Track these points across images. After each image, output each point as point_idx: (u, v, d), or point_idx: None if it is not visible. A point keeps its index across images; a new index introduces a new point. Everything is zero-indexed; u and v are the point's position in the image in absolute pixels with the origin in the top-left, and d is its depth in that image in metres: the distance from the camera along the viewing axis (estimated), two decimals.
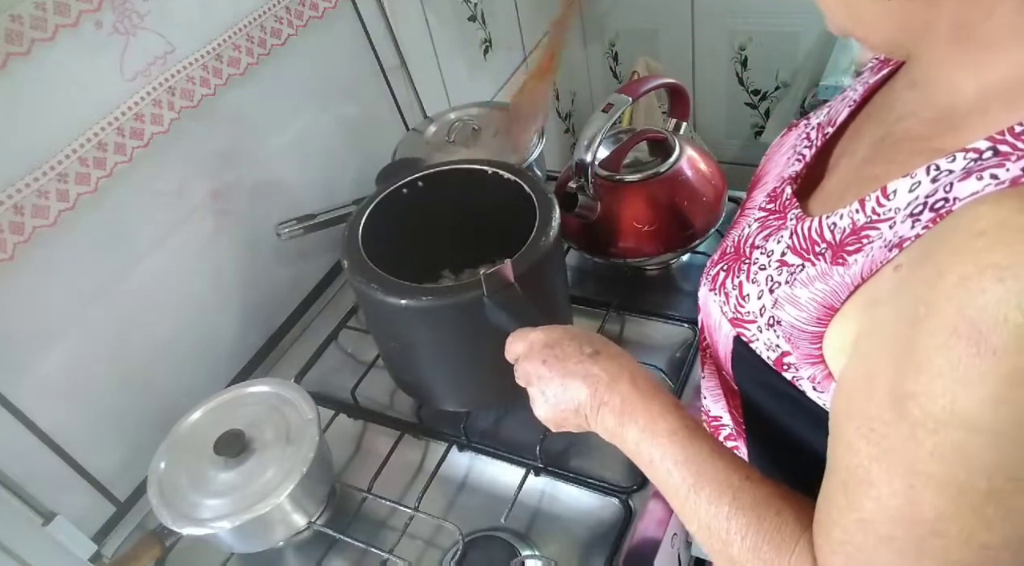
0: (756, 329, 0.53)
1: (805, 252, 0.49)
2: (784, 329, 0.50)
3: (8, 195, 0.73)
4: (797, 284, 0.49)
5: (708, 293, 0.60)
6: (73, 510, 0.84)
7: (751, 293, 0.54)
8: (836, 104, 0.61)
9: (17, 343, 0.79)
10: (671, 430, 0.54)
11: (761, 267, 0.53)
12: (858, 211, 0.46)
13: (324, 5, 1.08)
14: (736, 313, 0.55)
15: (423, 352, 0.84)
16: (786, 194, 0.57)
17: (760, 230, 0.57)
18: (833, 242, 0.47)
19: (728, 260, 0.59)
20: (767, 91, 1.95)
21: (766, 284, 0.52)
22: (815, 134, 0.60)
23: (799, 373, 0.51)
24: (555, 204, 0.84)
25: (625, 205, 0.98)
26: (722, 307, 0.57)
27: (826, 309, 0.47)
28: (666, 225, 0.97)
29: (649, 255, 1.00)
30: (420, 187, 0.92)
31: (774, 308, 0.51)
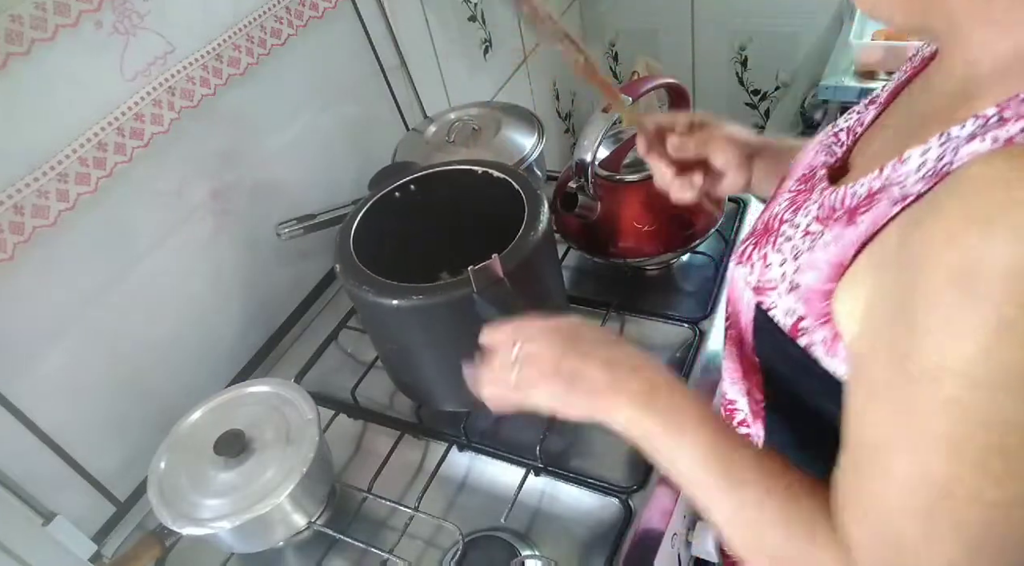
0: (776, 295, 0.54)
1: (826, 220, 0.51)
2: (802, 292, 0.51)
3: (8, 195, 0.73)
4: (817, 249, 0.51)
5: (735, 266, 0.62)
6: (73, 510, 0.84)
7: (774, 261, 0.55)
8: (862, 108, 0.64)
9: (17, 343, 0.79)
10: (698, 420, 0.54)
11: (787, 238, 0.55)
12: (876, 178, 0.48)
13: (324, 5, 1.08)
14: (758, 281, 0.57)
15: (419, 352, 0.84)
16: (819, 175, 0.59)
17: (789, 206, 0.59)
18: (850, 206, 0.49)
19: (757, 236, 0.61)
20: (767, 91, 1.96)
21: (790, 253, 0.54)
22: (845, 136, 0.62)
23: (813, 337, 0.51)
24: (543, 200, 0.84)
25: (625, 205, 0.98)
26: (747, 277, 0.58)
27: (835, 267, 0.48)
28: (666, 225, 0.97)
29: (649, 255, 1.00)
30: (413, 190, 0.92)
31: (795, 274, 0.52)
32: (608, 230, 0.99)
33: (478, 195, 0.90)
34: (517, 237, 0.79)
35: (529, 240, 0.79)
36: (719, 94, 2.01)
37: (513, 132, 1.14)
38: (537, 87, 1.84)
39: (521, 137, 1.13)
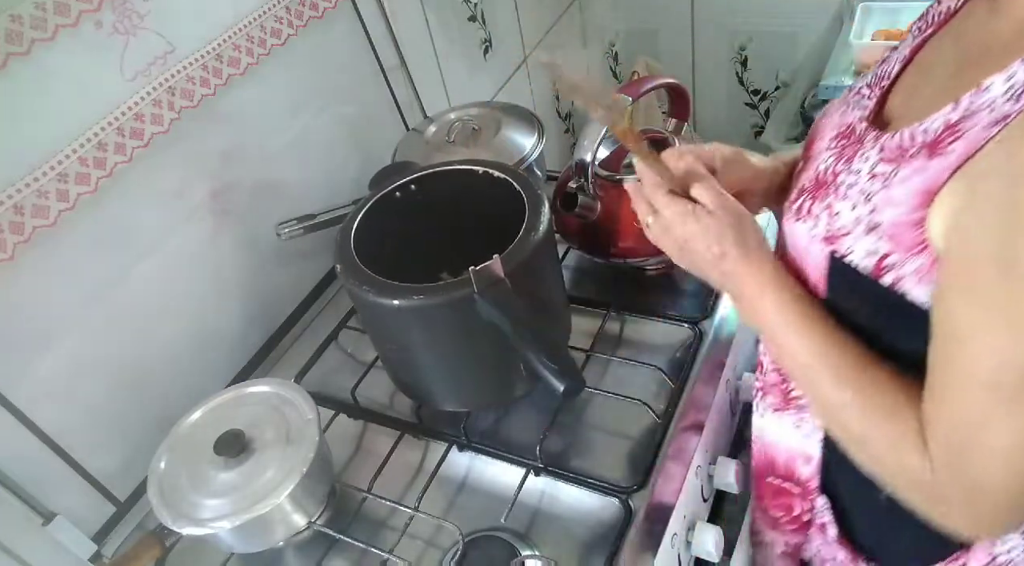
0: (851, 240, 0.57)
1: (897, 159, 0.54)
2: (884, 229, 0.54)
3: (8, 195, 0.73)
4: (892, 186, 0.54)
5: (795, 223, 0.64)
6: (73, 510, 0.84)
7: (842, 209, 0.58)
8: (882, 67, 0.67)
9: (17, 343, 0.79)
10: (822, 316, 0.60)
11: (850, 185, 0.58)
12: (952, 110, 0.50)
13: (324, 5, 1.08)
14: (828, 231, 0.59)
15: (420, 353, 0.84)
16: (859, 129, 0.62)
17: (838, 160, 0.62)
18: (926, 141, 0.52)
19: (811, 191, 0.63)
20: (767, 91, 1.96)
21: (860, 196, 0.56)
22: (868, 91, 0.65)
23: (902, 271, 0.54)
24: (544, 200, 0.84)
25: (625, 205, 0.97)
26: (811, 231, 0.61)
27: (924, 194, 0.51)
28: None
29: (649, 255, 1.00)
30: (413, 190, 0.92)
31: (871, 215, 0.55)
32: (608, 230, 0.99)
33: (478, 195, 0.90)
34: (518, 237, 0.79)
35: (530, 240, 0.79)
36: (719, 94, 2.01)
37: (513, 132, 1.14)
38: (537, 87, 1.84)
39: (521, 137, 1.13)
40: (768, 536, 0.87)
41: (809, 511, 0.78)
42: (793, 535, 0.82)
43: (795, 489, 0.78)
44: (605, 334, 0.98)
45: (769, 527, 0.85)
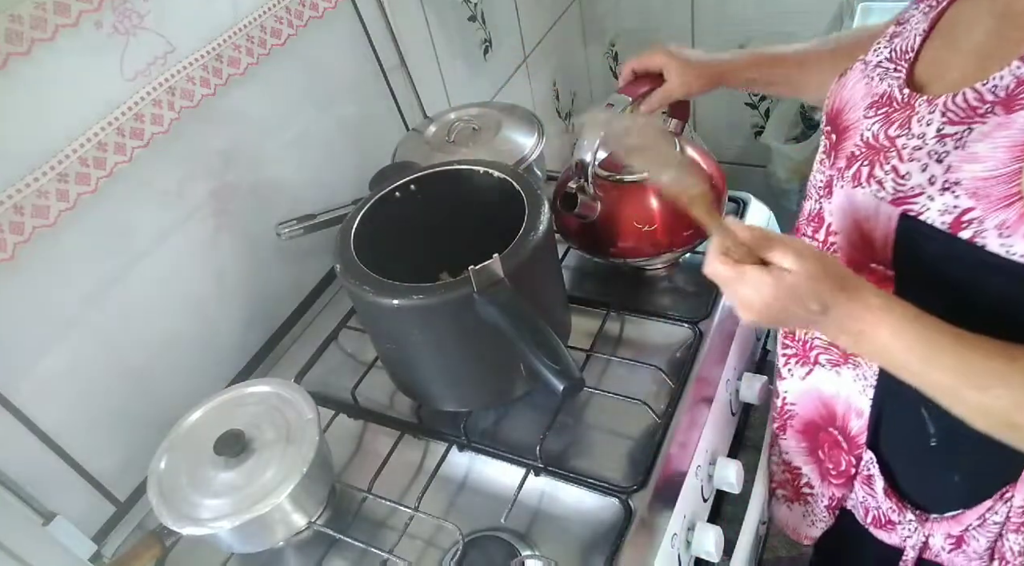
0: (925, 199, 0.59)
1: (967, 118, 0.57)
2: (966, 186, 0.56)
3: (8, 195, 0.73)
4: (970, 144, 0.56)
5: (851, 190, 0.65)
6: (73, 510, 0.84)
7: (911, 170, 0.60)
8: (896, 43, 0.69)
9: (17, 343, 0.79)
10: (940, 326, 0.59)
11: (916, 148, 0.60)
12: (1020, 67, 0.54)
13: (324, 5, 1.08)
14: (897, 193, 0.61)
15: (420, 353, 0.84)
16: (902, 95, 0.64)
17: (886, 125, 0.64)
18: (1000, 98, 0.55)
19: (864, 157, 0.65)
20: None
21: (929, 157, 0.58)
22: (890, 64, 0.68)
23: (983, 226, 0.56)
24: (544, 200, 0.84)
25: (625, 205, 0.98)
26: (876, 194, 0.63)
27: (1019, 146, 0.53)
28: (666, 225, 0.97)
29: (649, 255, 1.00)
30: (413, 190, 0.92)
31: (947, 173, 0.57)
32: (608, 230, 0.99)
33: (478, 195, 0.90)
34: (518, 237, 0.79)
35: (529, 240, 0.79)
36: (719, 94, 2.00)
37: (513, 132, 1.14)
38: (537, 87, 1.84)
39: (521, 137, 1.13)
40: (819, 488, 0.90)
41: (855, 465, 0.81)
42: (839, 488, 0.86)
43: (845, 443, 0.81)
44: (605, 334, 0.98)
45: (820, 478, 0.88)
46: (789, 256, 0.61)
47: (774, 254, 0.62)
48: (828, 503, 0.90)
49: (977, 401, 0.58)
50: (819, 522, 0.93)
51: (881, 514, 0.83)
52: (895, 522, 0.81)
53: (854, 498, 0.86)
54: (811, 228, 0.76)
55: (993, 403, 0.57)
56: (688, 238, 0.99)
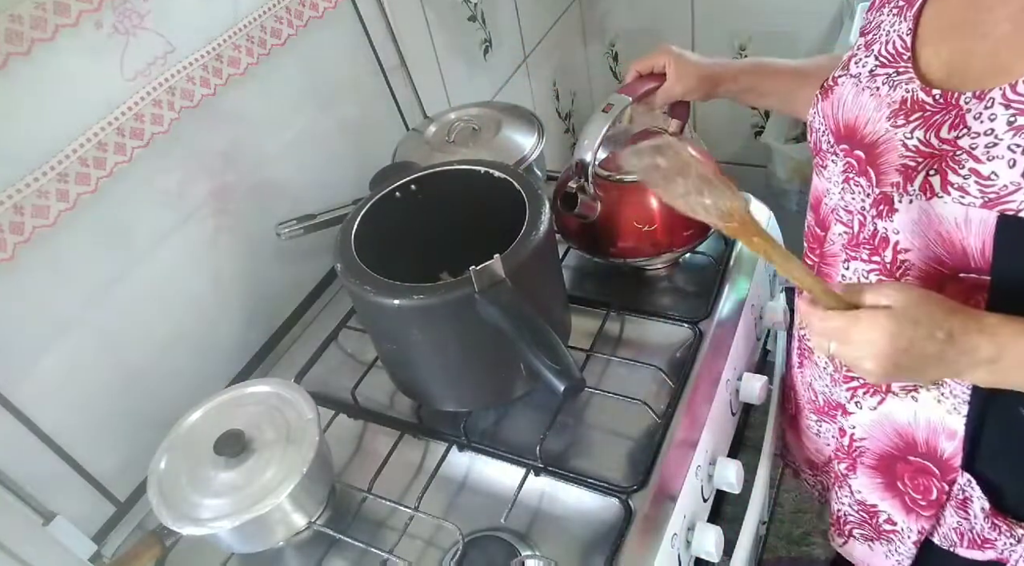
0: (1023, 195, 0.56)
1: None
2: None
3: (8, 195, 0.73)
4: None
5: (925, 204, 0.62)
6: (73, 510, 0.84)
7: (996, 169, 0.57)
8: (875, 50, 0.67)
9: (17, 343, 0.79)
10: None
11: (989, 145, 0.57)
12: None
13: (324, 5, 1.08)
14: (986, 196, 0.57)
15: (420, 353, 0.84)
16: (933, 96, 0.62)
17: (932, 130, 0.61)
18: None
19: (926, 166, 0.62)
20: None
21: (1013, 152, 0.56)
22: (888, 70, 0.66)
23: None
24: (545, 200, 0.84)
25: (625, 205, 0.98)
26: (961, 201, 0.59)
27: None
28: (666, 225, 0.98)
29: (649, 255, 1.00)
30: (413, 190, 0.92)
31: None
32: (608, 230, 0.99)
33: (478, 195, 0.90)
34: (518, 238, 0.79)
35: (530, 240, 0.79)
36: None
37: (513, 132, 1.14)
38: (537, 87, 1.84)
39: (521, 137, 1.13)
40: (902, 523, 0.84)
41: (947, 492, 0.76)
42: (927, 520, 0.80)
43: (935, 469, 0.76)
44: (605, 334, 0.98)
45: (905, 512, 0.83)
46: (885, 292, 0.58)
47: (866, 297, 0.58)
48: (917, 538, 0.83)
49: None
50: (905, 559, 0.87)
51: (975, 535, 0.77)
52: (992, 539, 0.76)
53: (944, 528, 0.80)
54: (866, 251, 0.71)
55: None
56: (688, 238, 0.99)
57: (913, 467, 0.79)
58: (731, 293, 1.02)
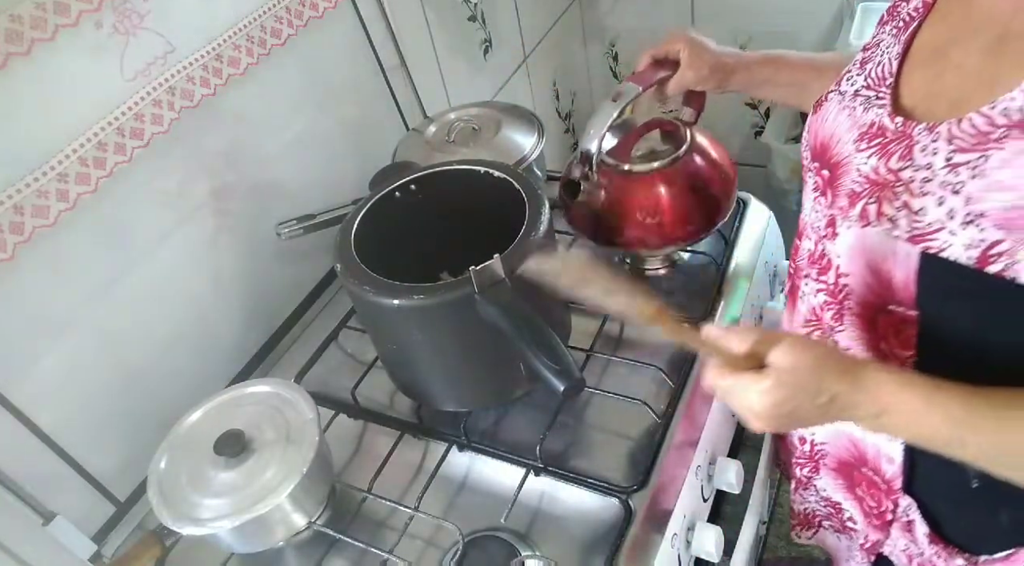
0: (947, 235, 0.55)
1: (979, 145, 0.53)
2: (993, 218, 0.52)
3: (8, 195, 0.73)
4: (990, 172, 0.52)
5: (861, 231, 0.62)
6: (73, 510, 0.84)
7: (925, 205, 0.56)
8: (869, 69, 0.66)
9: (17, 343, 0.79)
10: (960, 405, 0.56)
11: (924, 180, 0.56)
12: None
13: (324, 5, 1.08)
14: (913, 230, 0.57)
15: (420, 353, 0.84)
16: (895, 124, 0.61)
17: (883, 158, 0.60)
18: (1015, 120, 0.51)
19: (868, 194, 0.61)
20: None
21: (943, 189, 0.55)
22: (870, 91, 0.64)
23: (1014, 258, 0.52)
24: (544, 200, 0.84)
25: (631, 196, 0.96)
26: (891, 233, 0.59)
27: None
28: (671, 218, 0.96)
29: (652, 247, 0.99)
30: (413, 190, 0.92)
31: (969, 205, 0.53)
32: (612, 220, 0.98)
33: (478, 195, 0.90)
34: (518, 237, 0.79)
35: (530, 240, 0.79)
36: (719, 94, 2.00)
37: (513, 132, 1.14)
38: (537, 87, 1.84)
39: (521, 137, 1.13)
40: (861, 525, 0.86)
41: (892, 510, 0.77)
42: (876, 531, 0.82)
43: (883, 485, 0.78)
44: (605, 334, 0.98)
45: (864, 516, 0.84)
46: (781, 352, 0.59)
47: (768, 354, 0.59)
48: (863, 543, 0.86)
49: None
50: (854, 563, 0.90)
51: (925, 560, 0.78)
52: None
53: (892, 544, 0.82)
54: (816, 270, 0.72)
55: None
56: (693, 232, 0.98)
57: (867, 478, 0.80)
58: (731, 293, 1.02)
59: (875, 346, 0.68)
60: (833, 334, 0.72)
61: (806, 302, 0.75)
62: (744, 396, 0.60)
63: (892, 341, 0.66)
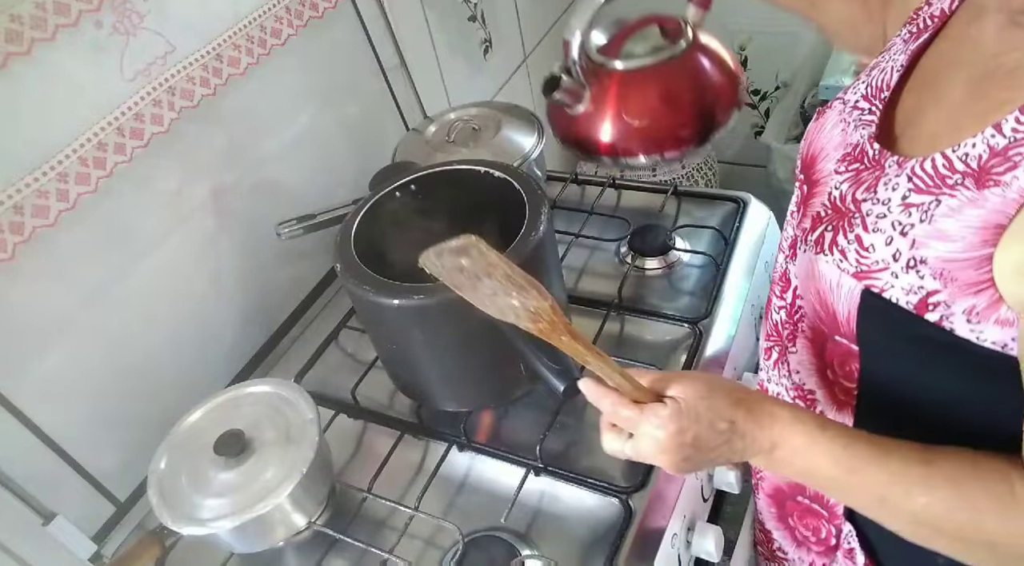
0: (889, 276, 0.53)
1: (935, 188, 0.51)
2: (932, 266, 0.50)
3: (8, 195, 0.73)
4: (938, 219, 0.50)
5: (814, 257, 0.60)
6: (73, 510, 0.84)
7: (875, 242, 0.54)
8: (874, 76, 0.63)
9: (17, 343, 0.79)
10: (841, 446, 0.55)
11: (879, 216, 0.54)
12: (994, 136, 0.48)
13: (324, 5, 1.08)
14: (860, 266, 0.55)
15: (420, 353, 0.84)
16: (872, 150, 0.58)
17: (855, 186, 0.58)
18: (972, 169, 0.48)
19: (829, 220, 0.59)
20: (767, 91, 1.96)
21: (893, 229, 0.53)
22: (866, 104, 0.62)
23: (950, 309, 0.50)
24: (544, 200, 0.84)
25: (616, 97, 0.87)
26: (839, 265, 0.57)
27: (991, 229, 0.47)
28: (659, 122, 0.88)
29: (637, 154, 0.90)
30: (413, 190, 0.92)
31: (913, 249, 0.51)
32: (595, 123, 0.88)
33: (478, 195, 0.90)
34: (518, 238, 0.79)
35: (530, 240, 0.79)
36: None
37: (513, 132, 1.14)
38: (537, 87, 1.84)
39: (521, 137, 1.13)
40: (793, 554, 0.85)
41: (836, 536, 0.76)
42: (820, 556, 0.81)
43: (823, 512, 0.77)
44: (605, 334, 0.98)
45: (795, 545, 0.84)
46: (680, 384, 0.58)
47: (667, 389, 0.59)
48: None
49: (905, 507, 0.54)
50: None
51: None
52: None
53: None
54: (779, 288, 0.70)
55: (919, 511, 0.53)
56: (682, 140, 0.88)
57: (801, 507, 0.79)
58: (731, 293, 1.02)
59: (823, 373, 0.67)
60: (786, 354, 0.71)
61: (771, 316, 0.74)
62: (647, 426, 0.58)
63: (838, 371, 0.65)
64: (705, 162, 1.94)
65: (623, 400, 0.59)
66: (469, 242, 0.51)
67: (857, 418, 0.65)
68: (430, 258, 0.53)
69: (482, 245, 0.51)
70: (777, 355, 0.73)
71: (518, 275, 0.52)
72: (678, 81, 0.86)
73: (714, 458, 0.59)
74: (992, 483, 0.50)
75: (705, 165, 1.94)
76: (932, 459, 0.53)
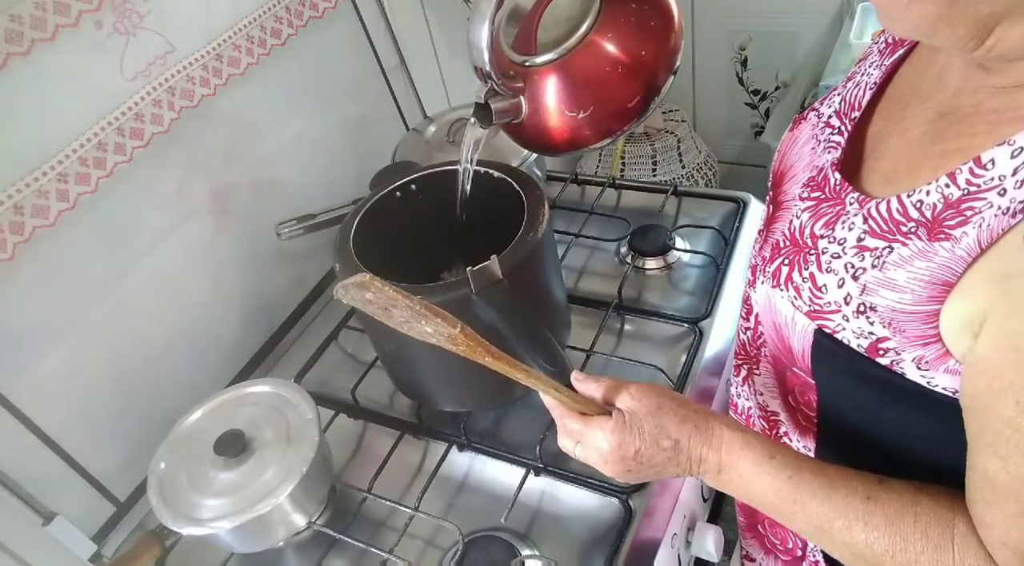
0: (841, 318, 0.52)
1: (889, 234, 0.49)
2: (881, 314, 0.49)
3: (8, 195, 0.73)
4: (889, 267, 0.48)
5: (771, 290, 0.59)
6: (73, 510, 0.84)
7: (828, 283, 0.53)
8: (849, 89, 0.62)
9: (17, 343, 0.79)
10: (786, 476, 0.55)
11: (834, 255, 0.53)
12: (948, 185, 0.46)
13: (324, 5, 1.08)
14: (813, 306, 0.54)
15: (420, 353, 0.84)
16: (834, 180, 0.56)
17: (814, 219, 0.56)
18: (925, 219, 0.47)
19: (787, 254, 0.58)
20: (767, 91, 1.96)
21: (846, 272, 0.51)
22: (837, 121, 0.60)
23: (900, 356, 0.50)
24: (544, 200, 0.83)
25: (549, 94, 0.79)
26: (793, 302, 0.56)
27: (939, 286, 0.46)
28: (603, 105, 0.79)
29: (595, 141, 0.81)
30: (413, 190, 0.92)
31: (863, 295, 0.50)
32: (541, 125, 0.80)
33: (478, 195, 0.90)
34: (517, 238, 0.79)
35: (528, 241, 0.79)
36: (719, 94, 2.00)
37: None
38: None
39: None
40: (761, 561, 0.85)
41: (802, 548, 0.76)
42: (788, 565, 0.80)
43: None
44: (605, 334, 0.98)
45: (764, 552, 0.84)
46: (628, 397, 0.58)
47: (616, 399, 0.58)
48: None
49: (843, 541, 0.53)
50: None
51: None
52: None
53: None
54: (744, 310, 0.69)
55: (858, 546, 0.52)
56: (633, 110, 0.78)
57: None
58: (731, 293, 1.02)
59: (785, 399, 0.67)
60: (752, 375, 0.71)
61: (739, 334, 0.73)
62: (590, 439, 0.58)
63: (799, 399, 0.65)
64: (705, 162, 1.94)
65: (569, 412, 0.60)
66: (365, 280, 0.51)
67: (819, 444, 0.65)
68: (340, 292, 0.54)
69: (377, 282, 0.51)
70: (745, 373, 0.73)
71: (419, 305, 0.52)
72: (603, 57, 0.77)
73: (659, 471, 0.59)
74: (933, 528, 0.50)
75: (705, 165, 1.94)
76: (877, 495, 0.52)
